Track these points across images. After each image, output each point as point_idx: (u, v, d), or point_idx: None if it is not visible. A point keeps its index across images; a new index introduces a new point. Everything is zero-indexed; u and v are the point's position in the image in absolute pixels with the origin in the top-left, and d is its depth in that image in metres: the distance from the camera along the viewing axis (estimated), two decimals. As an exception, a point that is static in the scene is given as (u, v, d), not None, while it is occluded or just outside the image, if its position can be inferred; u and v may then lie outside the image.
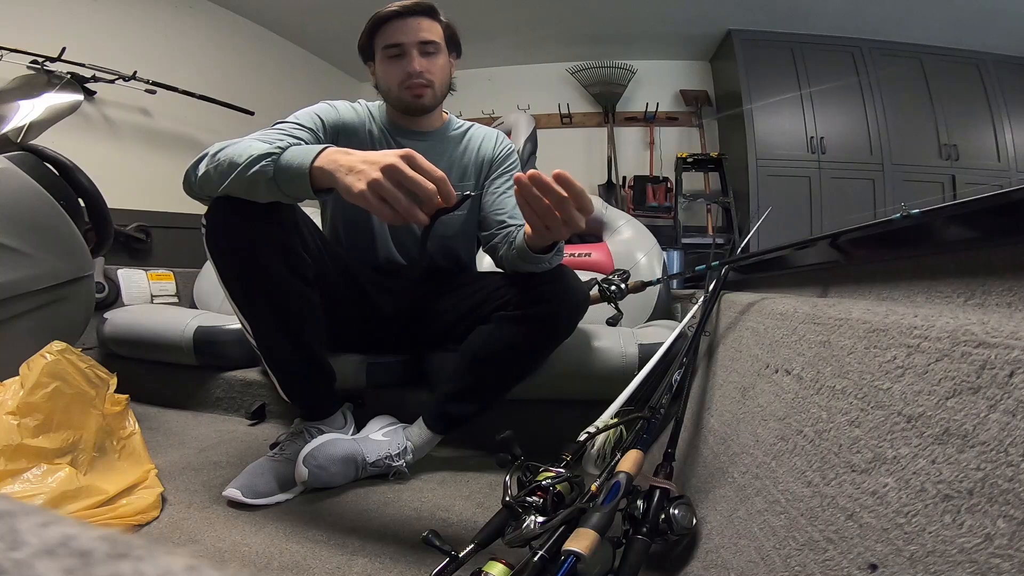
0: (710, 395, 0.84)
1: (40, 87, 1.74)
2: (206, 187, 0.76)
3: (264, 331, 0.86)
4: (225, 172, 0.72)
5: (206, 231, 0.79)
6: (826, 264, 0.84)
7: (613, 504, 0.53)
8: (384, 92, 1.00)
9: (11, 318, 1.01)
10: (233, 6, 2.96)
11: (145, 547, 0.11)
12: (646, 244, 1.68)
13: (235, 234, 0.78)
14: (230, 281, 0.82)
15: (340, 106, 1.00)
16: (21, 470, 0.67)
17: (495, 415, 0.98)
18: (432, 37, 0.95)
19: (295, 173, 0.68)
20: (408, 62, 0.94)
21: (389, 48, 0.95)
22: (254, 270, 0.80)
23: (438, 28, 0.97)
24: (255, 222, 0.77)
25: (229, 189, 0.73)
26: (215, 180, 0.74)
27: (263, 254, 0.79)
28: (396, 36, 0.94)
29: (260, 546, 0.69)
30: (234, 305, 0.85)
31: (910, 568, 0.31)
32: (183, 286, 2.06)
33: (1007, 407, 0.29)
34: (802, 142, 3.26)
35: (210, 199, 0.78)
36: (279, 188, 0.70)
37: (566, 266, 0.93)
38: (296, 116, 0.92)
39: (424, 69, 0.95)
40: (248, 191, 0.73)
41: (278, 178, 0.69)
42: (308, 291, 0.86)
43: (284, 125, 0.89)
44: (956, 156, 3.22)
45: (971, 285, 0.51)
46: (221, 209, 0.77)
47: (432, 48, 0.96)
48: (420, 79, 0.95)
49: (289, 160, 0.69)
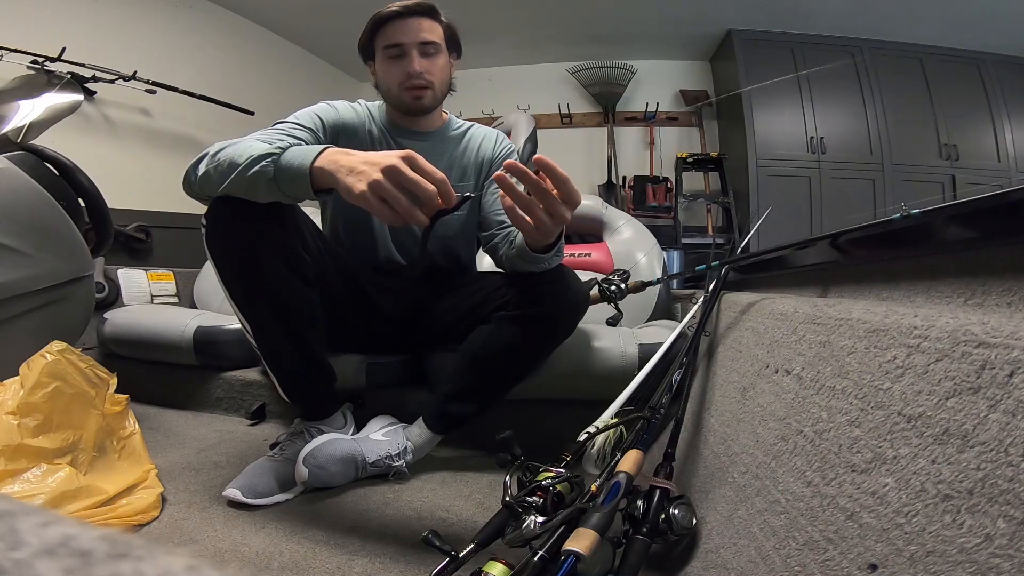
0: (710, 395, 0.84)
1: (40, 87, 1.74)
2: (206, 187, 0.76)
3: (264, 331, 0.86)
4: (225, 172, 0.72)
5: (206, 231, 0.79)
6: (826, 264, 0.84)
7: (613, 504, 0.53)
8: (384, 92, 1.00)
9: (11, 318, 1.01)
10: (233, 6, 2.96)
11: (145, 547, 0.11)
12: (646, 244, 1.68)
13: (235, 234, 0.78)
14: (230, 281, 0.82)
15: (340, 106, 1.00)
16: (21, 470, 0.67)
17: (495, 415, 0.98)
18: (432, 38, 0.95)
19: (295, 173, 0.68)
20: (408, 62, 0.94)
21: (389, 48, 0.95)
22: (254, 270, 0.80)
23: (439, 29, 0.97)
24: (255, 222, 0.77)
25: (229, 189, 0.73)
26: (215, 180, 0.74)
27: (263, 254, 0.79)
28: (396, 36, 0.94)
29: (260, 546, 0.69)
30: (234, 305, 0.85)
31: (910, 568, 0.31)
32: (183, 286, 2.06)
33: (1007, 407, 0.29)
34: (802, 142, 3.26)
35: (210, 199, 0.78)
36: (279, 188, 0.70)
37: (566, 266, 0.93)
38: (296, 116, 0.92)
39: (424, 70, 0.95)
40: (248, 191, 0.73)
41: (278, 178, 0.69)
42: (308, 291, 0.86)
43: (284, 125, 0.89)
44: (956, 156, 3.22)
45: (971, 285, 0.51)
46: (221, 209, 0.77)
47: (432, 48, 0.96)
48: (420, 80, 0.95)
49: (289, 160, 0.69)
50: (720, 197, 3.39)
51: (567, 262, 0.93)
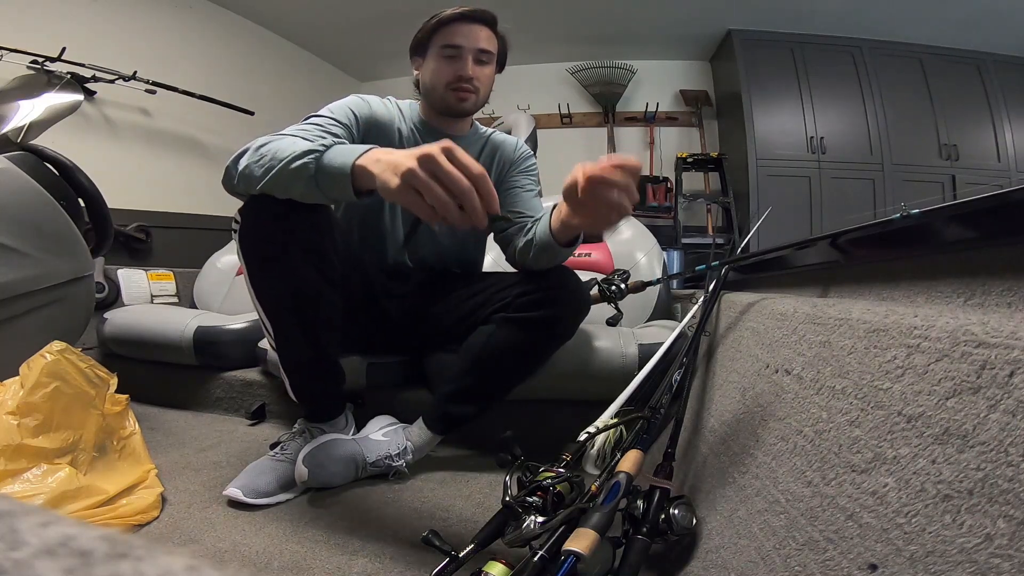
0: (710, 395, 0.84)
1: (40, 87, 1.74)
2: (247, 183, 0.74)
3: (286, 332, 0.86)
4: (267, 167, 0.70)
5: (240, 228, 0.78)
6: (826, 264, 0.84)
7: (613, 504, 0.53)
8: (428, 89, 1.00)
9: (11, 318, 1.01)
10: (233, 6, 2.96)
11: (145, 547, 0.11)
12: (646, 244, 1.68)
13: (268, 234, 0.77)
14: (258, 279, 0.82)
15: (372, 101, 1.00)
16: (21, 470, 0.67)
17: (495, 415, 0.98)
18: (489, 48, 0.98)
19: (337, 172, 0.65)
20: (462, 65, 0.95)
21: (447, 48, 0.95)
22: (283, 270, 0.79)
23: (495, 41, 1.00)
24: (289, 222, 0.76)
25: (269, 185, 0.71)
26: (257, 175, 0.72)
27: (294, 255, 0.78)
28: (457, 38, 0.95)
29: (260, 546, 0.69)
30: (257, 303, 0.84)
31: (910, 568, 0.31)
32: (183, 286, 2.06)
33: (1007, 407, 0.29)
34: (802, 142, 3.26)
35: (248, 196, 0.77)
36: (318, 187, 0.67)
37: (568, 268, 0.93)
38: (331, 110, 0.91)
39: (475, 76, 0.96)
40: (288, 189, 0.71)
41: (319, 176, 0.67)
42: (333, 293, 0.85)
43: (321, 120, 0.87)
44: (956, 156, 3.21)
45: (971, 285, 0.51)
46: (255, 207, 0.77)
47: (486, 58, 0.98)
48: (469, 84, 0.96)
49: (331, 159, 0.66)
50: (720, 197, 3.39)
51: (567, 262, 0.93)
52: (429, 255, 1.10)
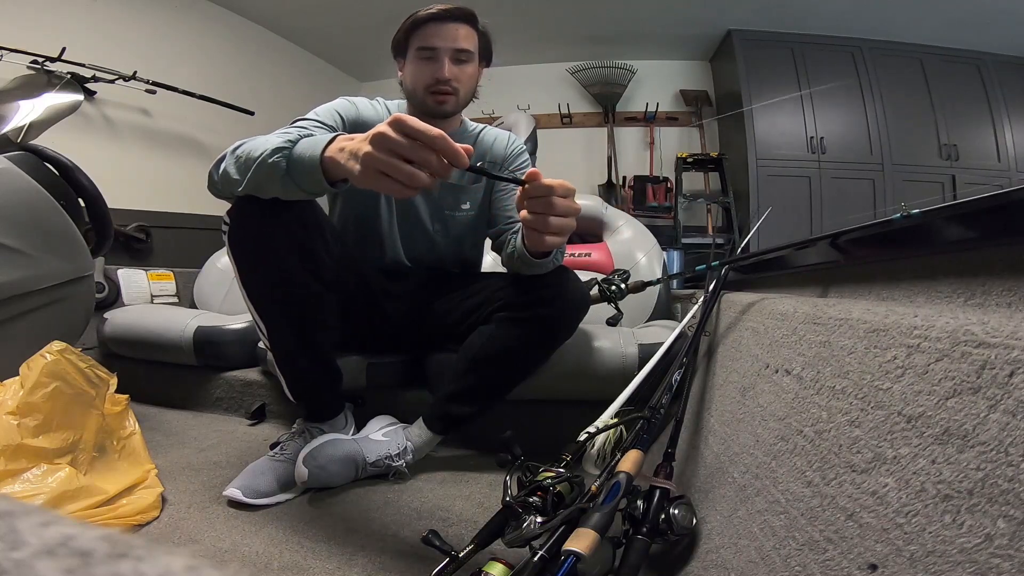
0: (710, 395, 0.84)
1: (40, 87, 1.74)
2: (228, 186, 0.74)
3: (280, 332, 0.86)
4: (243, 169, 0.71)
5: (228, 230, 0.79)
6: (826, 264, 0.84)
7: (613, 504, 0.53)
8: (409, 92, 1.00)
9: (11, 318, 1.01)
10: (233, 6, 2.96)
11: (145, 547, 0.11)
12: (646, 244, 1.68)
13: (256, 234, 0.77)
14: (248, 280, 0.82)
15: (359, 102, 1.00)
16: (21, 470, 0.67)
17: (495, 415, 0.98)
18: (467, 46, 0.95)
19: (308, 165, 0.65)
20: (439, 68, 0.93)
21: (423, 50, 0.94)
22: (273, 270, 0.79)
23: (474, 37, 0.97)
24: (277, 222, 0.76)
25: (248, 187, 0.72)
26: (235, 177, 0.72)
27: (283, 255, 0.78)
28: (432, 40, 0.93)
29: (260, 546, 0.69)
30: (249, 304, 0.84)
31: (910, 568, 0.31)
32: (183, 286, 2.06)
33: (1007, 407, 0.29)
34: (802, 142, 3.26)
35: (234, 198, 0.77)
36: (294, 182, 0.67)
37: (567, 267, 0.93)
38: (316, 113, 0.91)
39: (453, 77, 0.94)
40: (265, 188, 0.71)
41: (292, 171, 0.66)
42: (326, 294, 0.85)
43: (304, 122, 0.87)
44: (956, 156, 3.21)
45: (971, 285, 0.51)
46: (244, 208, 0.77)
47: (465, 56, 0.95)
48: (447, 86, 0.94)
49: (301, 152, 0.66)
50: (720, 197, 3.39)
51: (567, 262, 0.93)
52: (426, 254, 1.10)
